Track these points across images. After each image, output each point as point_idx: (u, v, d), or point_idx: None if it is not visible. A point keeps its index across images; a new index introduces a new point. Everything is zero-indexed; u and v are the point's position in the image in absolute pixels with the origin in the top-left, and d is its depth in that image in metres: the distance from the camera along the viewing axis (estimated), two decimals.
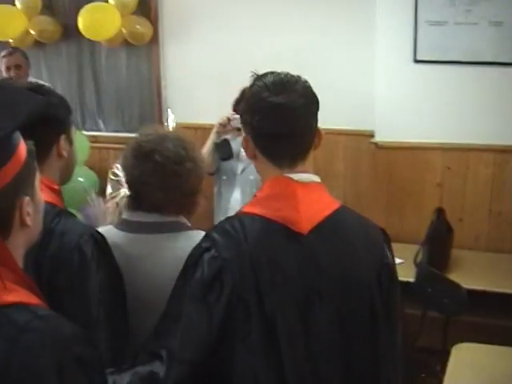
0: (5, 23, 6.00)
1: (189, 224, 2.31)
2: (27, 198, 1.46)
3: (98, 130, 6.43)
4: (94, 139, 6.21)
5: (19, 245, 1.47)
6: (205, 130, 4.72)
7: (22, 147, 1.46)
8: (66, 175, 2.17)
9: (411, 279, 4.02)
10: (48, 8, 6.32)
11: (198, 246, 1.81)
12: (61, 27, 6.19)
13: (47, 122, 1.68)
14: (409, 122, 4.69)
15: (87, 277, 1.95)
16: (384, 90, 4.73)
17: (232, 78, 4.03)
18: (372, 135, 4.89)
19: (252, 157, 1.90)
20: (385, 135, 4.77)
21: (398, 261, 3.77)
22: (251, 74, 1.90)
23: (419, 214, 4.78)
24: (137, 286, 2.15)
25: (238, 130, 4.30)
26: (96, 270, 1.97)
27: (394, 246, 2.05)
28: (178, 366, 1.70)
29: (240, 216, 1.85)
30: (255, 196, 1.91)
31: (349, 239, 1.86)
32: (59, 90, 4.59)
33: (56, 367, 1.31)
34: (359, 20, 4.99)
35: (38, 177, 1.53)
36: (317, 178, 1.88)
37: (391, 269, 1.95)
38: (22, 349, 1.32)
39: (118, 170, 2.54)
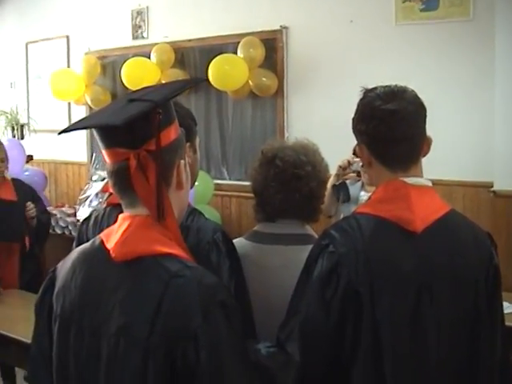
0: (140, 75, 6.44)
1: (316, 236, 2.37)
2: (183, 162, 1.66)
3: (222, 179, 6.65)
4: (217, 187, 6.43)
5: (174, 206, 1.64)
6: None
7: (177, 124, 1.68)
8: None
9: None
10: (180, 62, 6.75)
11: (318, 243, 1.95)
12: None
13: None
14: None
15: (222, 270, 2.11)
16: (503, 139, 4.72)
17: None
18: (490, 186, 4.88)
19: (367, 164, 2.03)
20: (504, 184, 4.75)
21: None
22: (361, 89, 2.04)
23: None
24: (271, 296, 2.26)
25: (358, 174, 4.42)
26: (229, 266, 2.14)
27: None
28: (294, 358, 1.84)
29: (356, 215, 1.97)
30: (370, 198, 2.03)
31: (459, 239, 1.95)
32: None
33: (202, 308, 1.47)
34: (479, 70, 5.07)
35: (186, 158, 1.71)
36: (429, 183, 1.98)
37: (498, 270, 2.01)
38: (173, 291, 1.50)
39: None
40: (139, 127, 1.55)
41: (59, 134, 1.71)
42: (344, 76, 5.76)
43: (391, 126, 1.91)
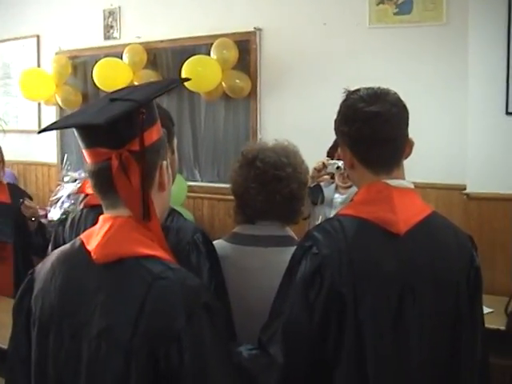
0: (112, 75, 6.41)
1: (296, 238, 2.38)
2: (165, 163, 1.65)
3: (194, 180, 6.61)
4: (189, 189, 6.39)
5: (157, 207, 1.62)
6: None
7: (159, 124, 1.67)
8: None
9: (501, 327, 3.96)
10: (152, 63, 6.71)
11: (301, 245, 1.94)
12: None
13: None
14: (501, 173, 4.70)
15: (202, 271, 2.11)
16: (476, 142, 4.76)
17: (326, 131, 4.17)
18: (463, 188, 4.91)
19: (349, 166, 2.02)
20: (476, 186, 4.79)
21: (487, 310, 3.79)
22: (344, 90, 2.04)
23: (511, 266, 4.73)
24: (251, 298, 2.26)
25: (332, 176, 4.41)
26: (209, 267, 2.14)
27: (484, 297, 2.12)
28: (278, 359, 1.83)
29: (339, 217, 1.97)
30: (352, 200, 2.02)
31: (441, 241, 1.96)
32: None
33: (186, 310, 1.46)
34: (452, 74, 5.10)
35: (167, 159, 1.70)
36: (411, 185, 1.98)
37: (479, 273, 2.03)
38: (156, 292, 1.48)
39: None
40: (122, 127, 1.53)
41: (39, 132, 1.68)
42: (317, 78, 5.78)
43: (374, 128, 1.92)
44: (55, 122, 1.67)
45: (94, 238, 1.60)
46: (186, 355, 1.43)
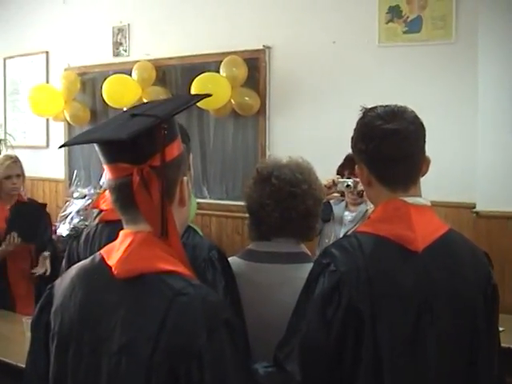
0: (121, 92, 6.43)
1: (310, 255, 2.39)
2: (186, 178, 1.65)
3: (202, 197, 6.60)
4: (197, 206, 6.36)
5: (177, 223, 1.61)
6: None
7: (180, 140, 1.66)
8: None
9: None
10: (161, 80, 6.75)
11: (318, 262, 1.93)
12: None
13: None
14: (510, 192, 4.71)
15: (217, 288, 2.11)
16: (486, 160, 4.78)
17: (335, 149, 4.17)
18: (472, 207, 4.92)
19: (366, 184, 2.02)
20: (486, 205, 4.80)
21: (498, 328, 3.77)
22: (361, 108, 2.03)
23: None
24: (267, 314, 2.24)
25: (342, 194, 4.42)
26: (225, 284, 2.15)
27: None
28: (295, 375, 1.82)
29: (356, 234, 1.97)
30: (369, 218, 2.02)
31: (458, 258, 1.96)
32: None
33: (207, 326, 1.45)
34: (462, 93, 5.13)
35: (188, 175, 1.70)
36: (428, 202, 1.99)
37: (496, 289, 2.03)
38: (177, 308, 1.47)
39: None
40: (143, 143, 1.53)
41: (60, 147, 1.68)
42: (326, 96, 5.80)
43: (392, 145, 1.92)
44: (77, 137, 1.67)
45: (114, 253, 1.59)
46: (206, 373, 1.43)
